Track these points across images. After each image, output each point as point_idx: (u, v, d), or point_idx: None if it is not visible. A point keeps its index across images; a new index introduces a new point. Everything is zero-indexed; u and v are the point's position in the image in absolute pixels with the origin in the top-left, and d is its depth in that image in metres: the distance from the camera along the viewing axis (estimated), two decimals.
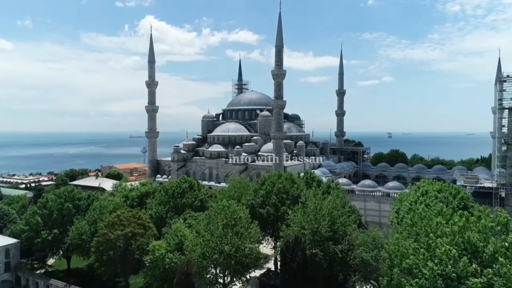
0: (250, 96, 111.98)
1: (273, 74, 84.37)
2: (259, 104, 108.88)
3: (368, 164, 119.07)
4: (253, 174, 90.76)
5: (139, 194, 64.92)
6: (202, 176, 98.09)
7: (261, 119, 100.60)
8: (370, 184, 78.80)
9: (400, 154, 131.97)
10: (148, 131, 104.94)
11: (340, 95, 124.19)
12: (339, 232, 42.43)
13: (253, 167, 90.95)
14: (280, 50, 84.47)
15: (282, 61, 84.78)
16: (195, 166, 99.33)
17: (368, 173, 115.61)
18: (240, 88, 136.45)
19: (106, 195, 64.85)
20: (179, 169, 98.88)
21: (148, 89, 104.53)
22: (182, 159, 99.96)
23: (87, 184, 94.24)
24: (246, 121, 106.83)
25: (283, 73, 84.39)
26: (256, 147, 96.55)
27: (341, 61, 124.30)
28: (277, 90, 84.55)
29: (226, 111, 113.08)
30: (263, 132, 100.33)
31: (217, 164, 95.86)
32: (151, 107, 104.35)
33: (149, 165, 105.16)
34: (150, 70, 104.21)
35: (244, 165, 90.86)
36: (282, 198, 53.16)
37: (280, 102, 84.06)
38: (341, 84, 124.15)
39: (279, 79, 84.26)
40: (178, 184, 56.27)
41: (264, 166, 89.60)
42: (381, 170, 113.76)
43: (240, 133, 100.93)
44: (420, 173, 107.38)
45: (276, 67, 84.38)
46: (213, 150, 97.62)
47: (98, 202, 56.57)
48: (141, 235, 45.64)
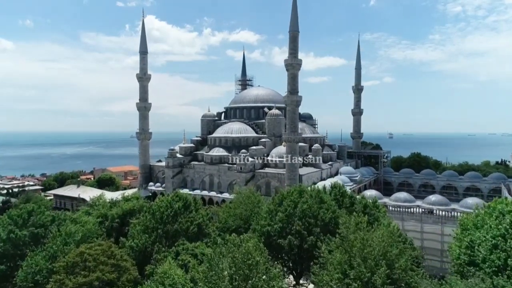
0: (257, 91, 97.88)
1: (287, 64, 70.50)
2: (267, 101, 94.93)
3: (390, 169, 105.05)
4: (262, 183, 76.84)
5: (121, 212, 51.21)
6: (202, 185, 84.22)
7: (270, 118, 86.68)
8: (406, 198, 64.84)
9: (422, 158, 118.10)
10: (139, 132, 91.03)
11: (357, 91, 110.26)
12: (402, 284, 28.82)
13: (262, 175, 77.04)
14: (295, 36, 70.59)
15: (297, 49, 70.93)
16: (193, 173, 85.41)
17: (389, 181, 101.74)
18: (244, 84, 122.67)
19: (79, 213, 50.96)
20: (174, 176, 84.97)
21: (139, 83, 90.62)
22: (178, 165, 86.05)
23: (65, 194, 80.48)
24: (252, 120, 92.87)
25: (299, 63, 70.51)
26: (265, 151, 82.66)
27: (358, 54, 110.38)
28: (291, 83, 70.69)
29: (229, 109, 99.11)
30: (272, 134, 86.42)
31: (218, 171, 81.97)
32: (143, 104, 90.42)
33: (140, 171, 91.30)
34: (142, 61, 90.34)
35: (251, 173, 76.96)
36: (309, 224, 39.48)
37: (295, 97, 70.18)
38: (358, 79, 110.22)
39: (293, 70, 70.38)
40: (169, 204, 42.43)
41: (274, 173, 75.70)
42: (405, 177, 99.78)
43: (245, 134, 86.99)
44: (452, 180, 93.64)
45: (290, 56, 70.54)
46: (214, 155, 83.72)
47: (64, 228, 42.59)
48: (113, 283, 31.81)
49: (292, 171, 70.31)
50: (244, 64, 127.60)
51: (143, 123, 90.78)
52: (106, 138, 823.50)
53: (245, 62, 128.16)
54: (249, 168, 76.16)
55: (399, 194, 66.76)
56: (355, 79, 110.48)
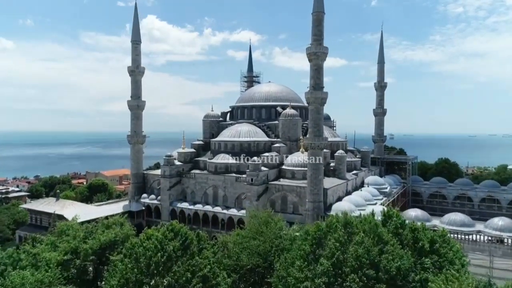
0: (268, 88, 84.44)
1: (310, 53, 57.30)
2: (280, 99, 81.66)
3: (418, 178, 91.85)
4: (277, 197, 63.68)
5: (98, 246, 38.21)
6: (204, 198, 71.08)
7: (284, 119, 73.44)
8: (463, 220, 51.59)
9: (452, 165, 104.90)
10: (131, 135, 77.75)
11: (380, 89, 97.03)
12: None
13: (277, 188, 63.87)
14: (319, 18, 57.41)
15: (322, 34, 57.75)
16: (194, 184, 72.20)
17: (419, 191, 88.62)
18: (251, 81, 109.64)
19: (42, 247, 37.74)
20: (172, 187, 71.75)
21: (131, 77, 77.36)
22: (176, 174, 72.83)
23: (41, 209, 67.23)
24: (263, 121, 79.55)
25: (325, 52, 57.29)
26: (279, 158, 69.53)
27: (381, 46, 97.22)
28: (315, 77, 57.52)
29: (236, 108, 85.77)
30: (287, 137, 73.21)
31: (224, 182, 68.81)
32: (135, 102, 77.13)
33: (132, 181, 77.96)
34: (134, 52, 77.09)
35: (264, 185, 63.80)
36: (368, 278, 26.52)
37: (319, 94, 56.99)
38: (382, 75, 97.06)
39: (318, 61, 57.20)
40: (160, 244, 29.29)
41: (292, 186, 62.53)
42: (437, 187, 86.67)
43: (255, 138, 73.71)
44: (493, 192, 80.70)
45: (314, 43, 57.35)
46: (219, 162, 70.49)
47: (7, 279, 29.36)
48: None
49: (316, 185, 57.16)
50: (250, 58, 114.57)
51: (136, 124, 77.51)
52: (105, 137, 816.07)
53: (251, 57, 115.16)
54: (261, 179, 63.02)
55: (453, 216, 53.58)
56: (377, 75, 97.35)
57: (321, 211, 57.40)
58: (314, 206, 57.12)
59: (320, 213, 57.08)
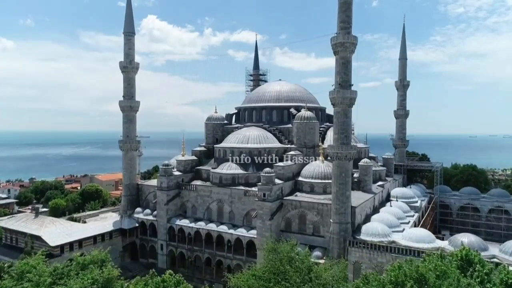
0: (279, 87, 74.46)
1: (336, 44, 47.34)
2: (293, 100, 71.72)
3: (446, 188, 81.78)
4: (293, 216, 53.80)
5: None
6: (207, 214, 61.32)
7: (299, 122, 63.56)
8: None
9: (480, 172, 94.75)
10: (123, 140, 67.89)
11: (401, 88, 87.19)
12: None
13: (293, 205, 53.97)
14: (347, 2, 47.48)
15: (351, 21, 47.89)
16: (196, 197, 62.39)
17: (448, 203, 78.60)
18: (257, 79, 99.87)
19: None
20: (169, 201, 61.93)
21: (124, 74, 67.50)
22: (175, 186, 63.04)
23: (16, 228, 57.22)
24: (274, 125, 69.62)
25: (353, 42, 47.37)
26: (294, 169, 59.73)
27: (404, 39, 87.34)
28: (341, 73, 47.62)
29: (243, 110, 75.79)
30: (303, 144, 63.36)
31: (231, 196, 59.02)
32: (128, 103, 67.27)
33: (124, 193, 67.98)
34: (127, 44, 67.26)
35: (278, 201, 53.97)
36: None
37: (347, 93, 47.09)
38: (403, 73, 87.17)
39: (345, 53, 47.29)
40: None
41: (312, 203, 52.59)
42: (469, 199, 76.70)
43: (266, 144, 63.82)
44: None
45: (341, 31, 47.44)
46: (224, 173, 60.64)
47: None
48: None
49: (343, 203, 47.32)
50: (256, 55, 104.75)
51: (129, 127, 67.70)
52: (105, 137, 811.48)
53: (257, 53, 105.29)
54: (275, 194, 53.17)
55: None
56: (399, 72, 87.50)
57: (349, 234, 47.66)
58: (340, 229, 47.35)
59: (347, 237, 47.34)
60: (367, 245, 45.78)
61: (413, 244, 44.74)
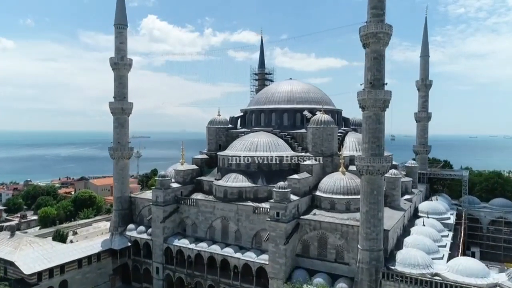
0: (290, 87, 66.05)
1: (366, 35, 39.05)
2: (306, 101, 63.39)
3: (474, 200, 73.57)
4: (312, 238, 45.55)
5: None
6: (209, 233, 53.11)
7: (315, 128, 55.21)
8: None
9: (507, 181, 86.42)
10: (113, 147, 59.67)
11: (423, 88, 79.07)
12: None
13: (312, 225, 45.66)
14: None
15: (384, 7, 39.53)
16: (196, 214, 54.13)
17: (477, 216, 70.54)
18: (262, 79, 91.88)
19: None
20: (166, 218, 53.67)
21: (115, 72, 59.22)
22: (173, 200, 54.82)
23: None
24: (286, 129, 61.30)
25: (388, 32, 39.12)
26: (311, 181, 51.50)
27: (425, 34, 79.33)
28: (374, 69, 39.38)
29: (249, 112, 67.43)
30: (319, 152, 55.01)
31: (237, 213, 50.77)
32: (120, 104, 58.94)
33: (116, 207, 59.54)
34: (119, 38, 58.97)
35: (294, 221, 45.75)
36: None
37: (380, 94, 38.83)
38: (426, 71, 79.10)
39: (378, 45, 39.06)
40: None
41: (335, 224, 44.25)
42: (502, 212, 68.71)
43: (278, 152, 55.50)
44: None
45: (373, 19, 39.19)
46: (229, 186, 52.37)
47: None
48: None
49: (375, 226, 39.07)
50: (262, 51, 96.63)
51: (120, 132, 59.45)
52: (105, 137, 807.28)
53: (263, 50, 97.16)
54: (291, 213, 44.99)
55: None
56: (420, 71, 79.43)
57: (382, 264, 39.47)
58: (371, 257, 39.15)
59: (380, 267, 39.18)
60: (405, 279, 37.76)
61: (462, 278, 36.65)
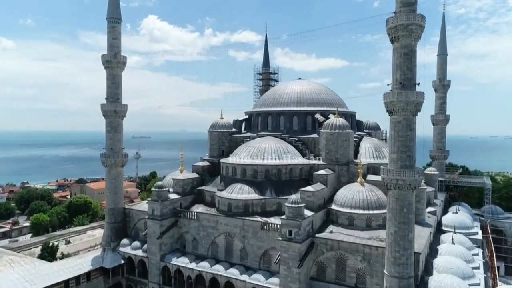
0: (300, 88, 60.47)
1: (396, 28, 33.46)
2: (318, 103, 57.84)
3: (498, 209, 68.09)
4: (329, 260, 40.00)
5: None
6: (211, 251, 47.55)
7: (330, 133, 49.65)
8: None
9: None
10: (106, 154, 54.07)
11: (441, 88, 73.58)
12: None
13: (328, 245, 40.14)
14: None
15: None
16: (197, 229, 48.59)
17: (501, 228, 65.06)
18: (267, 78, 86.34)
19: None
20: (164, 233, 48.12)
21: (107, 71, 53.67)
22: (171, 213, 49.30)
23: None
24: (296, 134, 55.78)
25: (421, 24, 33.52)
26: (326, 193, 45.94)
27: (443, 31, 73.80)
28: (404, 67, 33.79)
29: (255, 115, 61.88)
30: (334, 159, 49.45)
31: (243, 230, 45.21)
32: (112, 106, 53.35)
33: (108, 220, 53.99)
34: (111, 34, 53.45)
35: (309, 240, 40.24)
36: None
37: (411, 95, 33.22)
38: (443, 71, 73.60)
39: (409, 40, 33.48)
40: None
41: (356, 245, 38.70)
42: None
43: (288, 160, 49.96)
44: None
45: (403, 9, 33.66)
46: (234, 198, 46.82)
47: None
48: None
49: (405, 249, 33.48)
50: (266, 49, 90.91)
51: (113, 137, 53.88)
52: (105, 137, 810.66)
53: (267, 48, 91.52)
54: (305, 231, 39.46)
55: None
56: (437, 71, 73.89)
57: None
58: (400, 286, 33.57)
59: None
60: None
61: None
